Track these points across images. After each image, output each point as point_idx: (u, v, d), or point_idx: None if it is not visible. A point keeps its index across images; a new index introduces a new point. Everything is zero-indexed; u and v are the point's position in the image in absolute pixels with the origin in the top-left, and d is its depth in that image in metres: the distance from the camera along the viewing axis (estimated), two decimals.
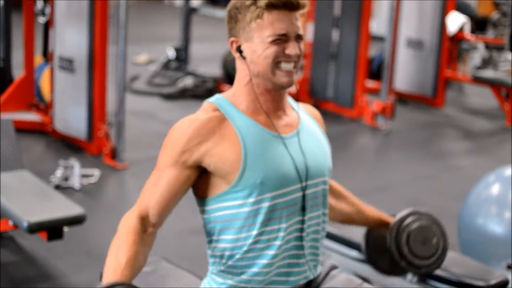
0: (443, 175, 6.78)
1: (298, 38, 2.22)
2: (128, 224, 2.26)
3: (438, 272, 3.43)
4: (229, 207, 2.21)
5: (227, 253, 2.25)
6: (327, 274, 2.45)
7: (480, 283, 3.34)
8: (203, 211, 2.30)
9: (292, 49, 2.19)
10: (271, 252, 2.22)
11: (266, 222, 2.20)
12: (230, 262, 2.26)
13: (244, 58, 2.23)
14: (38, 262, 4.40)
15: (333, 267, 2.50)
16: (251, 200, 2.18)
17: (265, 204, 2.19)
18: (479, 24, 11.39)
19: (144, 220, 2.27)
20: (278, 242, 2.22)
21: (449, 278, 3.40)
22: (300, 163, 2.26)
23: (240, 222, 2.21)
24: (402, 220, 2.88)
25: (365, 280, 3.80)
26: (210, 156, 2.17)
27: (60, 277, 4.26)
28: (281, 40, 2.18)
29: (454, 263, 3.50)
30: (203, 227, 2.32)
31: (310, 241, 2.32)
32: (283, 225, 2.23)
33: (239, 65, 2.27)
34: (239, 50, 2.24)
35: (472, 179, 5.34)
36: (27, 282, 4.16)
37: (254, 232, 2.21)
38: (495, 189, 4.24)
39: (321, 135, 2.41)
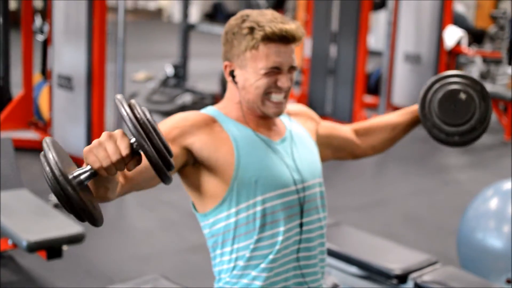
0: (441, 189, 6.79)
1: (291, 69, 2.24)
2: None
3: (437, 287, 3.44)
4: (228, 217, 2.23)
5: (232, 264, 2.27)
6: None
7: None
8: (204, 227, 2.31)
9: (284, 82, 2.21)
10: (271, 256, 2.23)
11: (264, 226, 2.23)
12: (235, 272, 2.27)
13: (236, 83, 2.26)
14: (37, 282, 4.40)
15: (335, 286, 2.51)
16: (246, 203, 2.21)
17: (261, 207, 2.21)
18: (476, 37, 11.43)
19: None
20: (277, 247, 2.24)
21: None
22: (292, 167, 2.29)
23: (239, 229, 2.23)
24: (438, 80, 2.62)
25: None
26: (201, 145, 2.19)
27: None
28: (274, 72, 2.21)
29: (453, 278, 3.51)
30: (207, 244, 2.33)
31: (315, 245, 2.34)
32: (281, 229, 2.24)
33: (231, 87, 2.31)
34: (232, 74, 2.26)
35: (470, 193, 5.35)
36: None
37: (255, 238, 2.23)
38: (494, 203, 4.24)
39: (308, 139, 2.43)
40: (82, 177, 1.65)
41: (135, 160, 1.64)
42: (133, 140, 1.63)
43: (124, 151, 1.61)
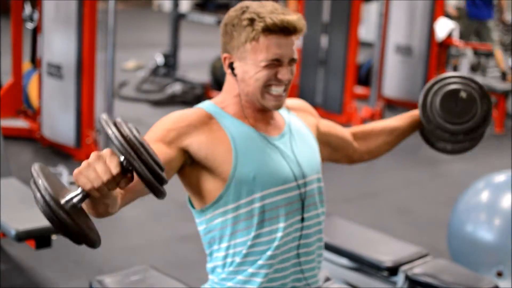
0: (432, 181, 6.79)
1: (292, 61, 2.21)
2: None
3: (428, 279, 3.43)
4: (225, 212, 2.21)
5: (229, 260, 2.25)
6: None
7: None
8: (201, 223, 2.28)
9: (284, 74, 2.19)
10: (269, 252, 2.21)
11: (263, 222, 2.20)
12: (231, 268, 2.25)
13: (235, 75, 2.23)
14: (26, 271, 4.37)
15: (327, 279, 2.49)
16: (245, 200, 2.19)
17: (260, 204, 2.19)
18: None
19: None
20: (276, 243, 2.22)
21: (438, 285, 3.40)
22: (292, 162, 2.26)
23: (238, 225, 2.21)
24: (437, 81, 2.65)
25: None
26: (198, 145, 2.17)
27: (48, 286, 4.24)
28: (274, 64, 2.17)
29: (444, 270, 3.50)
30: (203, 240, 2.31)
31: (313, 241, 2.32)
32: (281, 225, 2.22)
33: (229, 79, 2.27)
34: (231, 67, 2.23)
35: (461, 185, 5.34)
36: None
37: (252, 234, 2.20)
38: (485, 196, 4.24)
39: (308, 133, 2.41)
40: (75, 200, 1.64)
41: (127, 178, 1.66)
42: (122, 158, 1.62)
43: (114, 170, 1.62)
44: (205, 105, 2.29)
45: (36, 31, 6.94)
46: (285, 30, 2.15)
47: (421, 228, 5.50)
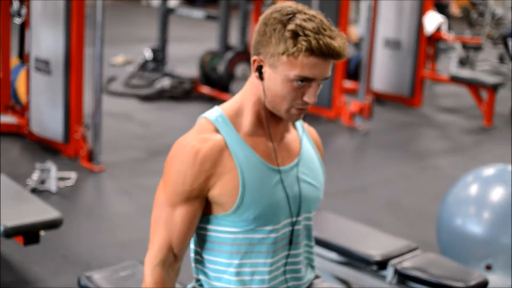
0: (421, 175, 6.79)
1: (323, 79, 2.09)
2: (154, 275, 2.17)
3: (417, 273, 3.44)
4: (219, 231, 2.17)
5: (211, 274, 2.22)
6: (310, 285, 2.42)
7: (459, 284, 3.34)
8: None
9: (311, 97, 2.07)
10: (255, 286, 2.19)
11: (251, 253, 2.17)
12: (213, 283, 2.22)
13: (262, 79, 2.11)
14: (14, 267, 4.36)
15: (316, 277, 2.47)
16: (241, 230, 2.14)
17: (255, 236, 2.15)
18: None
19: (168, 261, 2.18)
20: (266, 276, 2.19)
21: (428, 279, 3.41)
22: (295, 199, 2.20)
23: (227, 247, 2.17)
24: None
25: (345, 282, 3.80)
26: (214, 188, 2.11)
27: (37, 282, 4.22)
28: (304, 82, 2.06)
29: (433, 264, 3.50)
30: (192, 242, 2.28)
31: (291, 274, 2.28)
32: (269, 260, 2.19)
33: (254, 81, 2.16)
34: (260, 70, 2.11)
35: (450, 179, 5.36)
36: None
37: (236, 262, 2.17)
38: (473, 189, 4.24)
39: (318, 165, 2.34)
40: None
41: None
42: None
43: None
44: (216, 120, 2.17)
45: (23, 26, 6.91)
46: (328, 55, 2.03)
47: (410, 222, 5.50)
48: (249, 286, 2.19)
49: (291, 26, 2.02)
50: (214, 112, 2.18)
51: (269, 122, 2.18)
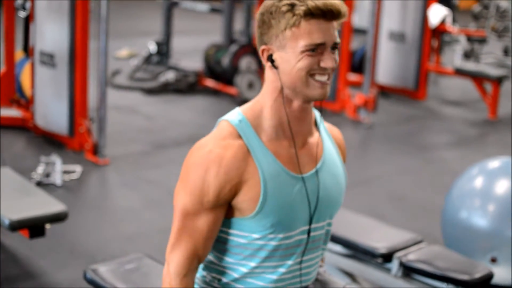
0: (425, 168, 6.79)
1: (335, 47, 2.07)
2: (185, 285, 2.14)
3: (422, 266, 3.44)
4: (234, 234, 2.15)
5: (217, 273, 2.22)
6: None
7: (465, 277, 3.34)
8: None
9: (327, 61, 2.04)
10: (267, 284, 2.18)
11: (266, 258, 2.15)
12: (215, 284, 2.23)
13: (276, 68, 2.08)
14: (20, 261, 4.37)
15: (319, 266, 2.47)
16: (257, 236, 2.12)
17: (271, 243, 2.13)
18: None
19: (196, 267, 2.16)
20: (275, 276, 2.18)
21: (433, 272, 3.41)
22: (314, 205, 2.18)
23: (240, 250, 2.16)
24: None
25: (350, 275, 3.81)
26: (237, 195, 2.09)
27: (42, 275, 4.23)
28: (317, 51, 2.03)
29: (438, 257, 3.51)
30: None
31: (306, 276, 2.27)
32: (286, 263, 2.17)
33: (269, 76, 2.12)
34: (271, 59, 2.09)
35: (455, 172, 5.36)
36: (9, 281, 4.12)
37: (252, 264, 2.16)
38: (478, 182, 4.24)
39: (340, 168, 2.31)
40: None
41: None
42: None
43: None
44: (238, 124, 2.13)
45: (28, 20, 6.91)
46: (328, 14, 2.02)
47: (415, 214, 5.50)
48: (257, 284, 2.18)
49: (285, 1, 2.03)
50: (236, 116, 2.14)
51: (292, 123, 2.13)
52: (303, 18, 2.01)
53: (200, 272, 2.28)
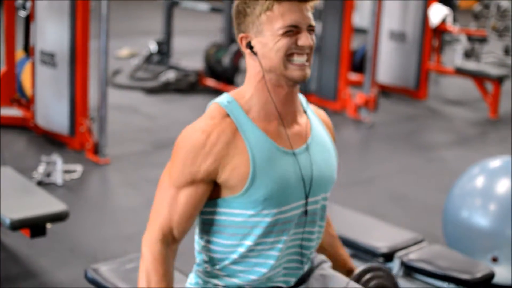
0: (426, 167, 6.79)
1: (310, 29, 2.15)
2: (154, 251, 2.18)
3: (423, 265, 3.44)
4: (228, 214, 2.17)
5: (217, 256, 2.22)
6: (318, 265, 2.43)
7: (466, 276, 3.34)
8: (201, 211, 2.24)
9: (304, 40, 2.11)
10: (267, 261, 2.19)
11: (264, 235, 2.16)
12: (217, 267, 2.23)
13: (255, 53, 2.15)
14: (21, 260, 4.37)
15: (323, 261, 2.47)
16: (251, 212, 2.14)
17: (265, 219, 2.15)
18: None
19: (167, 240, 2.18)
20: (275, 253, 2.19)
21: (434, 271, 3.41)
22: (307, 180, 2.21)
23: (235, 230, 2.17)
24: (361, 275, 2.76)
25: None
26: (222, 171, 2.11)
27: (43, 274, 4.23)
28: (293, 31, 2.11)
29: (439, 256, 3.51)
30: (197, 226, 2.28)
31: (306, 250, 2.29)
32: (282, 238, 2.19)
33: (250, 62, 2.19)
34: (250, 46, 2.16)
35: (456, 171, 5.35)
36: (10, 280, 4.12)
37: (249, 243, 2.17)
38: (479, 181, 4.24)
39: (330, 146, 2.35)
40: None
41: None
42: None
43: None
44: (227, 105, 2.18)
45: (29, 19, 6.91)
46: None
47: (416, 214, 5.50)
48: (256, 267, 2.20)
49: None
50: (225, 97, 2.21)
51: (278, 103, 2.18)
52: (275, 2, 2.09)
53: (202, 265, 2.29)
